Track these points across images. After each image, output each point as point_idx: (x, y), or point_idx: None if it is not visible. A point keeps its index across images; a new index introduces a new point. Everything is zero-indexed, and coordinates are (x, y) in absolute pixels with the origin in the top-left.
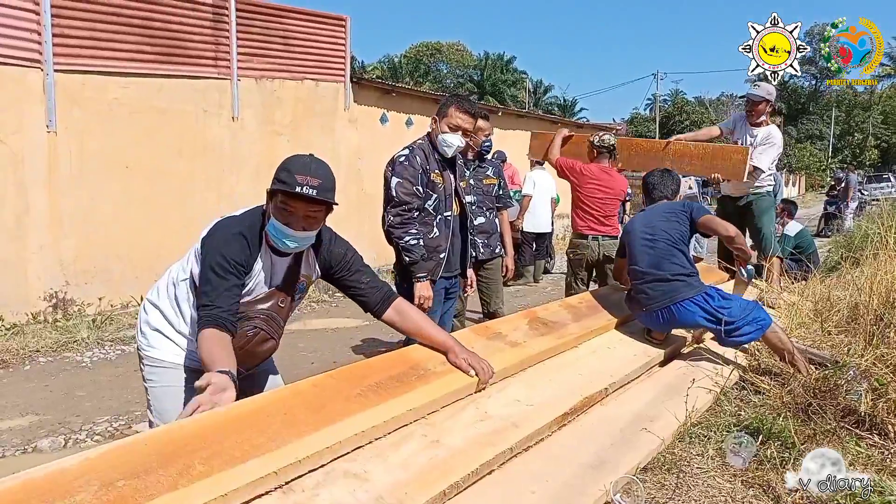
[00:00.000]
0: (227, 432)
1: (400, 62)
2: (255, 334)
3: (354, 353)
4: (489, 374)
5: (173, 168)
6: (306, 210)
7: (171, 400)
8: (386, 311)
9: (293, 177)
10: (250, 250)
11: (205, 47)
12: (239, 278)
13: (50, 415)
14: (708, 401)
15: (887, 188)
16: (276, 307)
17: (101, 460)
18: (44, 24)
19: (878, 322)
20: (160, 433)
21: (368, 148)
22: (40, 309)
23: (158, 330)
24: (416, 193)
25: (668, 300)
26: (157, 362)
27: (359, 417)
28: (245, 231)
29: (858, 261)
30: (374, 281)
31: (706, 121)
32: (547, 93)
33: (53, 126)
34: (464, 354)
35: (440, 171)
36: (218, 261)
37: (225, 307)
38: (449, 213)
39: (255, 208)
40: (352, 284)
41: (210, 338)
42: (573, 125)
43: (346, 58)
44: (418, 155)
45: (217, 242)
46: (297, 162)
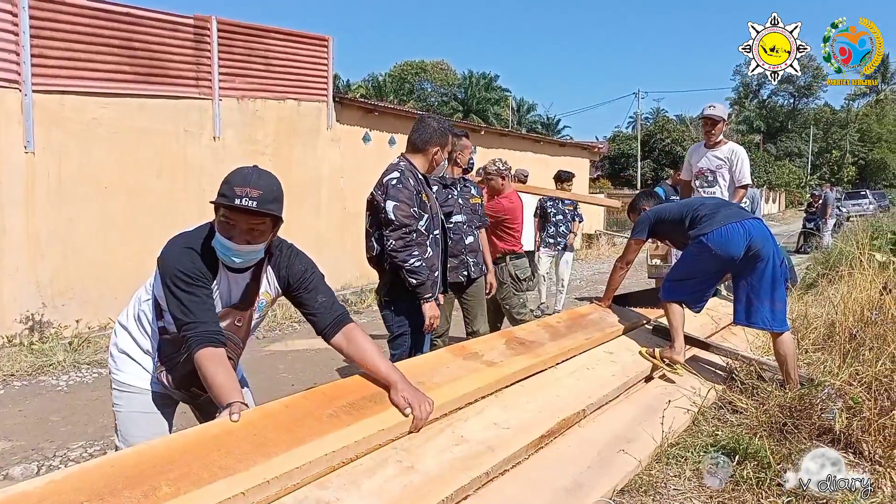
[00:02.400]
0: (195, 454)
1: (384, 81)
2: None
3: (337, 374)
4: (426, 415)
5: (153, 188)
6: (248, 223)
7: (137, 426)
8: (335, 336)
9: (232, 189)
10: (204, 263)
11: (186, 67)
12: (206, 289)
13: (23, 441)
14: (685, 421)
15: (864, 205)
16: (232, 326)
17: (65, 483)
18: (22, 44)
19: (851, 340)
20: (127, 455)
21: (351, 167)
22: (16, 332)
23: (125, 352)
24: (413, 215)
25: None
26: (123, 386)
27: (330, 438)
28: (194, 245)
29: (835, 278)
30: (330, 303)
31: (687, 139)
32: (530, 111)
33: (31, 147)
34: (404, 392)
35: (426, 192)
36: (178, 275)
37: (208, 321)
38: (438, 231)
39: (206, 223)
40: (306, 303)
41: (209, 359)
42: (556, 143)
43: (328, 77)
44: (410, 177)
45: (169, 260)
46: (239, 174)
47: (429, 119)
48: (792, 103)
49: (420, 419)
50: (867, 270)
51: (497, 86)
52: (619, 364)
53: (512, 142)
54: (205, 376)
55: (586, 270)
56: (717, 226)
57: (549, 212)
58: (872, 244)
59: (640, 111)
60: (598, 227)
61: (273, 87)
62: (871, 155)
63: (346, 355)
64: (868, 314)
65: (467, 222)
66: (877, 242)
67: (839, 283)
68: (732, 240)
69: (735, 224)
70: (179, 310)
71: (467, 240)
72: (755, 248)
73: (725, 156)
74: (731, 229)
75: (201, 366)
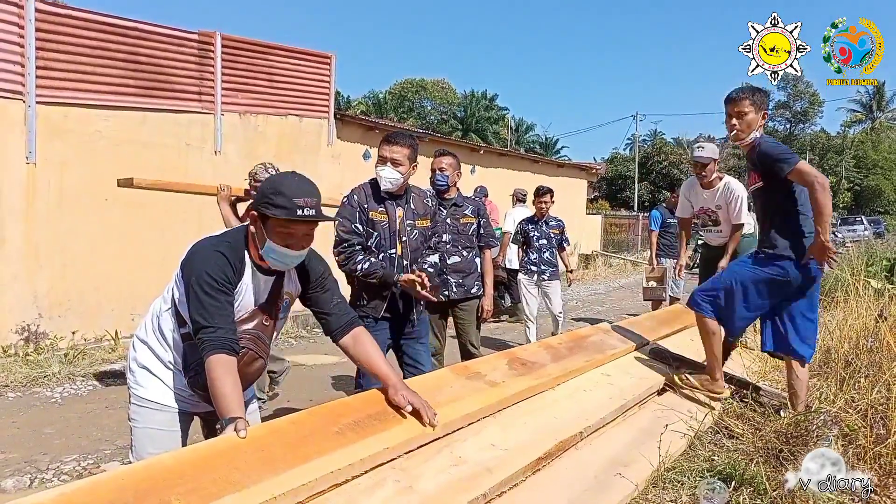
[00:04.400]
0: (204, 468)
1: (385, 98)
2: (243, 354)
3: (332, 389)
4: (431, 413)
5: (152, 201)
6: (307, 230)
7: (153, 442)
8: (344, 337)
9: (292, 201)
10: (233, 268)
11: (189, 82)
12: (229, 296)
13: (16, 453)
14: (682, 445)
15: (860, 230)
16: (260, 326)
17: (76, 495)
18: (28, 56)
19: (847, 367)
20: (138, 469)
21: (351, 183)
22: (11, 342)
23: (146, 367)
24: (354, 231)
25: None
26: (143, 402)
27: (335, 455)
28: (225, 249)
29: (830, 304)
30: (343, 305)
31: (684, 161)
32: (529, 131)
33: (33, 157)
34: (403, 391)
35: (384, 208)
36: (205, 279)
37: (226, 327)
38: (393, 250)
39: (236, 228)
40: (321, 303)
41: (220, 366)
42: (554, 164)
43: (330, 94)
44: (357, 194)
45: (198, 262)
46: (290, 184)
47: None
48: (788, 129)
49: (427, 419)
50: (862, 297)
51: (496, 104)
52: (616, 387)
53: (511, 161)
54: (213, 382)
55: (583, 291)
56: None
57: (532, 236)
58: (867, 271)
59: (638, 133)
60: (595, 248)
61: (275, 103)
62: (866, 181)
63: (351, 355)
64: (864, 341)
65: (451, 242)
66: (872, 269)
67: (835, 309)
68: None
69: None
70: (199, 313)
71: (450, 259)
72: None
73: (722, 196)
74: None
75: (211, 371)
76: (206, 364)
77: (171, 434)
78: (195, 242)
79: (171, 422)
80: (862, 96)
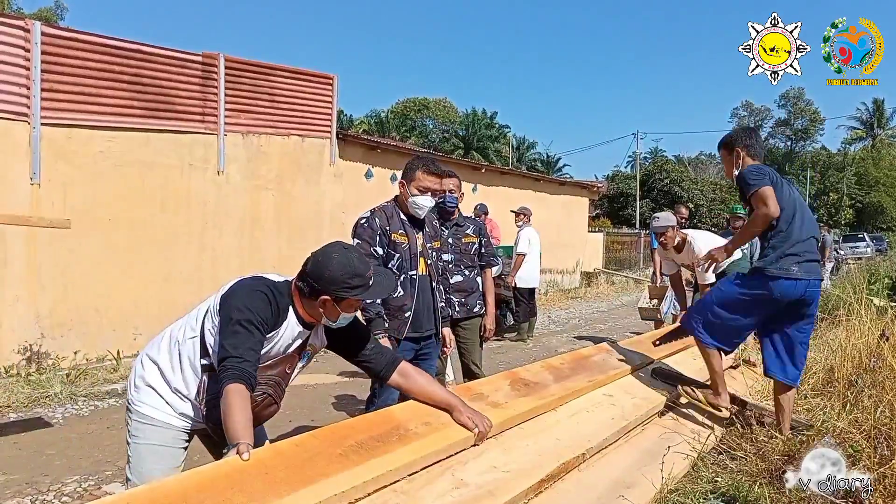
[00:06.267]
0: (208, 492)
1: (387, 116)
2: (262, 399)
3: (333, 409)
4: (488, 429)
5: (156, 221)
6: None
7: (152, 459)
8: (392, 376)
9: (365, 278)
10: (273, 313)
11: (193, 103)
12: (263, 335)
13: (17, 474)
14: (685, 467)
15: (862, 248)
16: (282, 373)
17: None
18: (33, 78)
19: (851, 387)
20: (140, 492)
21: (353, 202)
22: (13, 362)
23: (152, 387)
24: (372, 254)
25: (819, 275)
26: (144, 418)
27: (339, 478)
28: (270, 294)
29: (833, 322)
30: (378, 346)
31: (685, 179)
32: (530, 149)
33: (37, 178)
34: (467, 412)
35: (404, 231)
36: (245, 314)
37: (252, 362)
38: (414, 272)
39: (285, 282)
40: (356, 352)
41: (238, 395)
42: (556, 182)
43: (332, 114)
44: (378, 217)
45: (243, 296)
46: (357, 264)
47: (414, 157)
48: (789, 146)
49: (484, 433)
50: (865, 316)
51: (497, 123)
52: (618, 407)
53: (512, 180)
54: (228, 408)
55: (585, 309)
56: (788, 276)
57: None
58: (870, 289)
59: (640, 151)
60: (597, 266)
61: (278, 123)
62: (868, 198)
63: (406, 391)
64: (867, 361)
65: (454, 261)
66: (874, 287)
67: (837, 328)
68: (796, 290)
69: (803, 281)
70: (230, 342)
71: (453, 279)
72: (808, 300)
73: (687, 254)
74: (799, 285)
75: (228, 397)
76: (224, 389)
77: (171, 451)
78: (240, 279)
79: (174, 439)
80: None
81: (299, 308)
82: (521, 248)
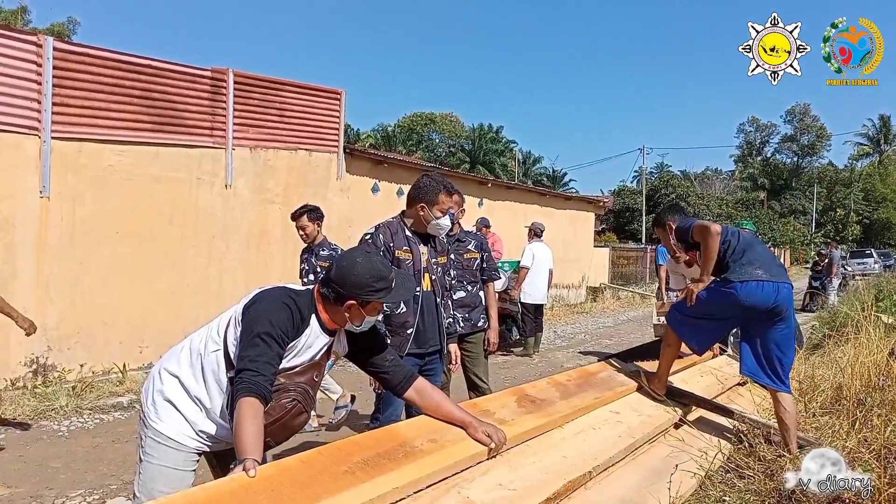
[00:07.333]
0: None
1: (394, 131)
2: (292, 407)
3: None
4: (503, 441)
5: (164, 234)
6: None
7: (164, 480)
8: (408, 391)
9: (388, 280)
10: (294, 324)
11: (202, 117)
12: (282, 349)
13: (22, 487)
14: (692, 486)
15: (870, 264)
16: (311, 381)
17: None
18: (45, 93)
19: (859, 406)
20: None
21: (360, 216)
22: (20, 374)
23: (171, 401)
24: None
25: (787, 279)
26: (161, 437)
27: (344, 495)
28: (293, 305)
29: (841, 340)
30: (396, 360)
31: (691, 194)
32: (536, 163)
33: (47, 191)
34: (483, 427)
35: (409, 247)
36: (266, 329)
37: (268, 377)
38: (417, 288)
39: (307, 291)
40: (375, 362)
41: (251, 408)
42: (562, 197)
43: (339, 129)
44: (382, 233)
45: (265, 308)
46: (378, 270)
47: (423, 177)
48: (795, 161)
49: (500, 446)
50: (873, 333)
51: (503, 137)
52: (625, 424)
53: (518, 195)
54: (240, 422)
55: (591, 325)
56: (752, 278)
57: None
58: (878, 306)
59: (646, 166)
60: (603, 280)
61: (286, 137)
62: (875, 214)
63: (420, 407)
64: (875, 379)
65: (457, 277)
66: (882, 304)
67: (845, 345)
68: (765, 294)
69: (770, 283)
70: (248, 355)
71: (456, 294)
72: (781, 307)
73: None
74: (766, 287)
75: (241, 411)
76: (238, 402)
77: (184, 475)
78: (264, 289)
79: (186, 462)
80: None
81: (323, 315)
82: (523, 262)
